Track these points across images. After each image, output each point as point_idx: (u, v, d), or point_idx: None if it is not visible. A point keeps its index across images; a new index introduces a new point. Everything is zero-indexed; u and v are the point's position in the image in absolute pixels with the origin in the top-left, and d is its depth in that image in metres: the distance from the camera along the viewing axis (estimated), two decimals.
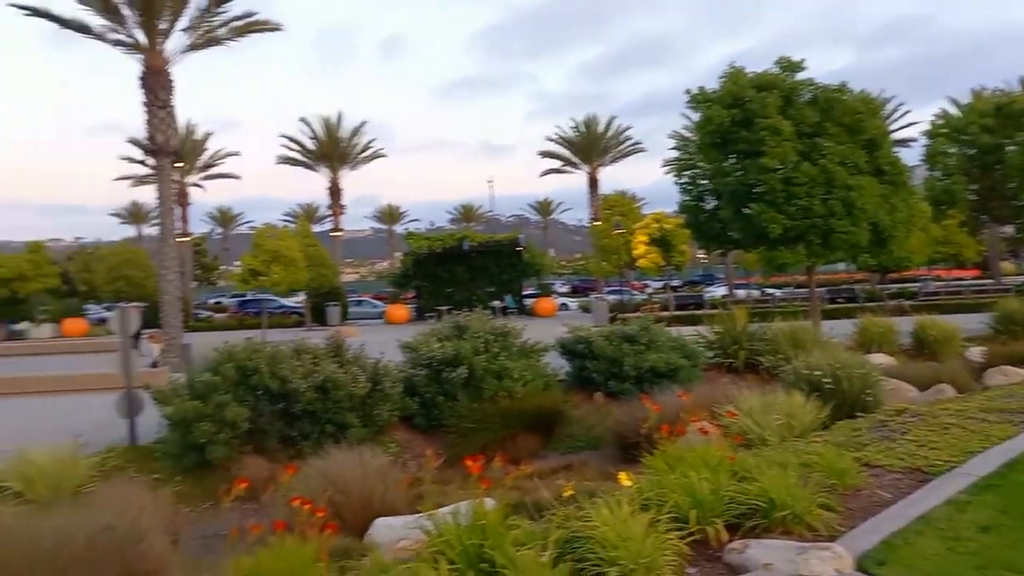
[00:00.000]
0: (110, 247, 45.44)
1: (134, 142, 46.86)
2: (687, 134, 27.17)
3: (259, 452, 10.60)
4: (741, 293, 44.75)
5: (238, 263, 54.50)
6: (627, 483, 4.67)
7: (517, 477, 5.37)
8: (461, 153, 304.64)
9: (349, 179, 59.93)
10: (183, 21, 20.73)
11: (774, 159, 15.89)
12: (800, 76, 16.96)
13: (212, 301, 55.17)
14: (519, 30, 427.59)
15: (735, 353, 15.13)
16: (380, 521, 6.01)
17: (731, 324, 15.77)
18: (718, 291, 47.71)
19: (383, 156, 55.98)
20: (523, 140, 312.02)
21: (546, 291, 43.49)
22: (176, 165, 20.82)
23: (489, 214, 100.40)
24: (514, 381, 12.55)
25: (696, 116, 17.76)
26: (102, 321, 44.11)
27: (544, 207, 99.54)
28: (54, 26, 20.07)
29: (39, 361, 24.03)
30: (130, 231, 77.74)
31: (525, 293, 42.81)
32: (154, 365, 18.08)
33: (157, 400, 10.26)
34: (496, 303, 33.17)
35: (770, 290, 44.25)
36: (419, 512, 5.27)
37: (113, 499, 7.30)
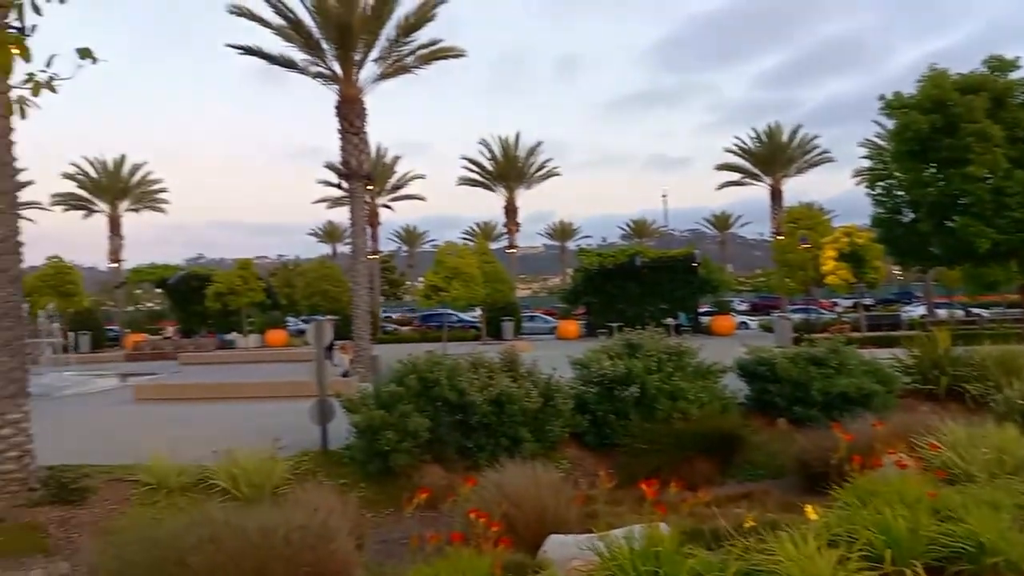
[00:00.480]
0: (308, 264, 49.19)
1: (330, 167, 50.64)
2: (880, 142, 25.37)
3: (438, 461, 11.00)
4: (942, 313, 41.02)
5: (421, 279, 57.34)
6: (814, 516, 4.39)
7: (694, 504, 5.19)
8: (634, 168, 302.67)
9: (524, 197, 61.73)
10: (375, 52, 22.20)
11: (982, 167, 14.49)
12: (1014, 75, 15.35)
13: (396, 315, 58.19)
14: (696, 41, 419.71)
15: (936, 379, 13.87)
16: (554, 538, 6.01)
17: (931, 346, 14.48)
18: (916, 310, 44.00)
19: (557, 174, 56.82)
20: (699, 152, 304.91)
21: (724, 309, 42.09)
22: (368, 188, 22.20)
23: (662, 229, 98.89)
24: (689, 403, 12.21)
25: (891, 123, 16.54)
26: (300, 332, 47.89)
27: (721, 221, 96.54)
28: (262, 63, 22.15)
29: (246, 369, 26.42)
30: (325, 249, 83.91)
31: (701, 311, 41.67)
32: (345, 375, 19.30)
33: (347, 408, 10.92)
34: (669, 321, 32.48)
35: (976, 310, 40.27)
36: (591, 531, 5.24)
37: (306, 500, 7.85)
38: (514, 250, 56.72)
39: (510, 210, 54.67)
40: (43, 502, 9.45)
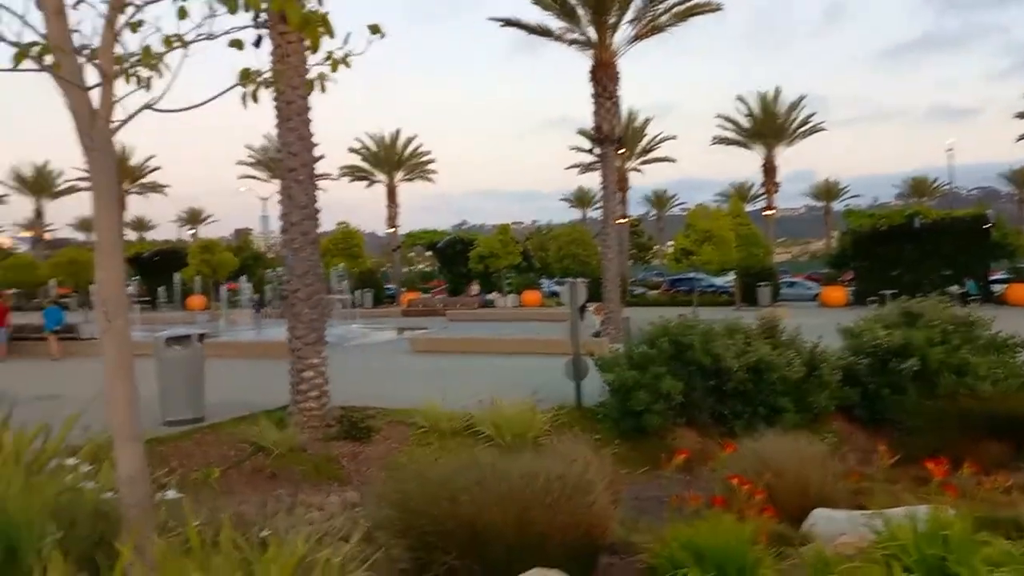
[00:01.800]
0: (560, 228, 50.50)
1: (583, 133, 51.40)
2: None
3: (691, 425, 10.89)
4: None
5: (671, 243, 56.56)
6: None
7: (991, 488, 4.65)
8: (909, 121, 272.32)
9: (784, 156, 58.11)
10: (629, 13, 22.00)
11: None
12: None
13: (643, 278, 57.94)
14: None
15: None
16: (820, 512, 5.70)
17: None
18: None
19: (821, 130, 52.78)
20: (988, 102, 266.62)
21: (1022, 276, 36.82)
22: (618, 152, 22.19)
23: (946, 187, 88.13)
24: (979, 379, 10.89)
25: None
26: (553, 294, 49.49)
27: (1020, 176, 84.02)
28: (519, 35, 22.87)
29: (505, 326, 27.90)
30: (576, 214, 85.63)
31: (992, 278, 36.79)
32: (596, 335, 19.68)
33: (600, 367, 11.14)
34: (954, 288, 29.07)
35: None
36: (862, 509, 4.89)
37: (563, 452, 8.15)
38: (772, 212, 53.81)
39: (768, 169, 51.82)
40: (336, 437, 10.74)
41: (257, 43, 3.83)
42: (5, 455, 4.02)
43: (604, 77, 21.74)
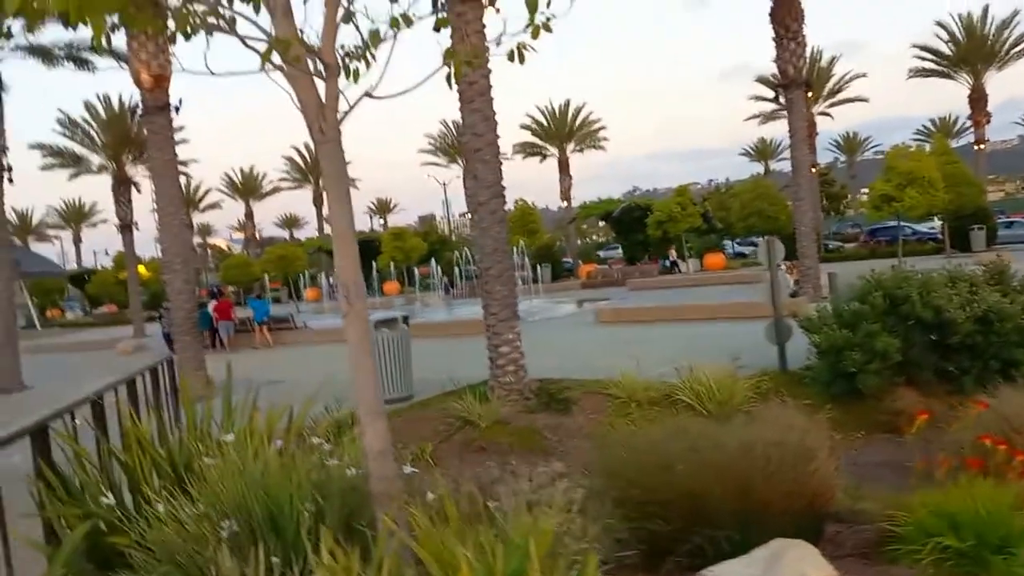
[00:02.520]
0: (742, 184, 48.38)
1: (763, 80, 48.76)
2: None
3: (911, 384, 10.05)
4: None
5: (865, 190, 52.29)
6: None
7: None
8: None
9: (993, 82, 51.58)
10: None
11: None
12: None
13: (837, 231, 54.32)
14: None
15: None
16: None
17: None
18: None
19: None
20: None
21: None
22: (806, 95, 20.80)
23: None
24: None
25: None
26: (739, 255, 47.67)
27: None
28: None
29: (690, 292, 27.23)
30: (757, 168, 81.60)
31: None
32: (793, 295, 18.68)
33: (805, 328, 10.54)
34: None
35: None
36: None
37: (774, 419, 7.79)
38: (982, 146, 48.45)
39: (976, 99, 46.57)
40: (535, 410, 10.95)
41: (437, 28, 3.89)
42: (259, 436, 4.40)
43: (786, 16, 20.38)
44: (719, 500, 5.66)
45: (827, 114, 54.27)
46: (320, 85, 3.14)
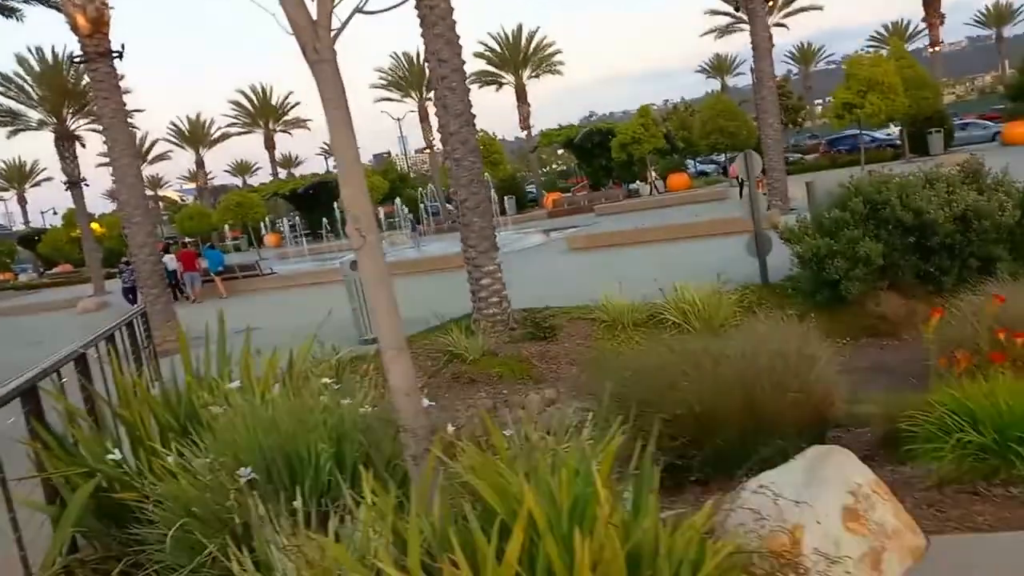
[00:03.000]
0: (702, 102, 48.06)
1: None
2: None
3: (893, 288, 10.16)
4: None
5: (819, 101, 52.28)
6: None
7: None
8: None
9: None
10: None
11: None
12: None
13: (796, 143, 54.53)
14: None
15: None
16: None
17: None
18: None
19: None
20: None
21: None
22: (768, 2, 20.43)
23: None
24: None
25: None
26: (702, 174, 47.67)
27: None
28: None
29: (657, 214, 27.19)
30: (713, 85, 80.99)
31: None
32: (767, 208, 18.72)
33: (786, 239, 10.54)
34: None
35: None
36: None
37: (763, 331, 7.80)
38: (936, 48, 48.58)
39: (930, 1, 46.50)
40: (521, 339, 10.89)
41: None
42: (263, 381, 4.22)
43: None
44: (726, 413, 5.66)
45: (783, 25, 53.77)
46: (310, 4, 2.89)
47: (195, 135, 68.54)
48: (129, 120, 33.75)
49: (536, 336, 10.76)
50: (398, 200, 38.00)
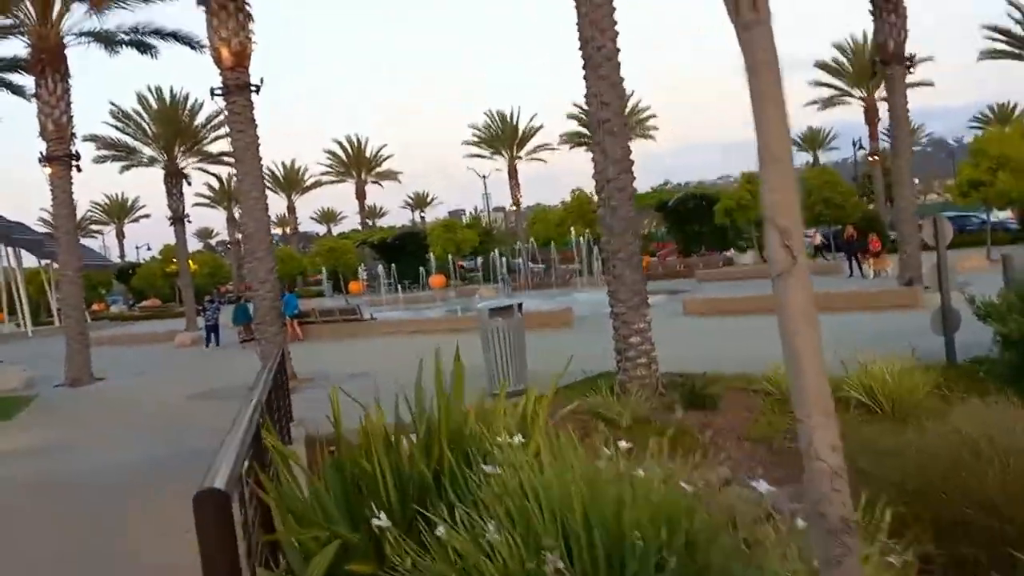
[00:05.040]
0: (807, 172, 46.77)
1: (821, 65, 46.85)
2: None
3: None
4: None
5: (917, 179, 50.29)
6: None
7: None
8: None
9: None
10: None
11: None
12: None
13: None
14: None
15: None
16: None
17: None
18: None
19: None
20: None
21: None
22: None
23: None
24: None
25: None
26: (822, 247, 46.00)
27: None
28: None
29: (764, 283, 25.94)
30: (804, 157, 79.41)
31: None
32: (909, 283, 17.48)
33: (982, 315, 9.40)
34: None
35: None
36: None
37: (975, 416, 6.73)
38: None
39: None
40: (671, 406, 9.94)
41: None
42: (533, 434, 3.47)
43: None
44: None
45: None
46: None
47: (289, 181, 70.44)
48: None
49: (692, 404, 9.80)
50: (497, 253, 37.71)
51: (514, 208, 57.38)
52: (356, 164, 68.11)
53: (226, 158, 37.94)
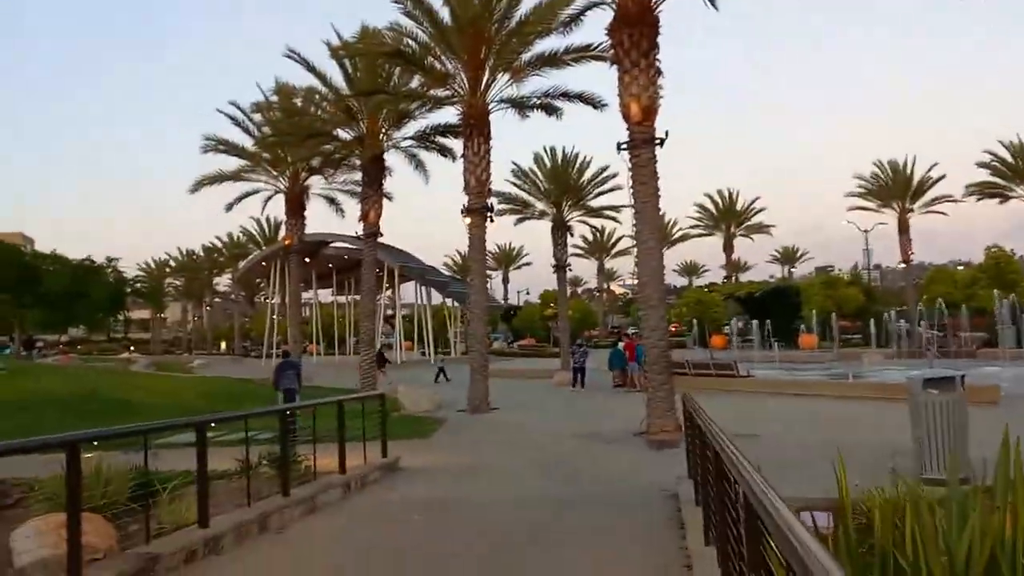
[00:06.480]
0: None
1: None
2: None
3: None
4: None
5: None
6: None
7: None
8: None
9: None
10: None
11: None
12: None
13: None
14: None
15: None
16: None
17: None
18: None
19: None
20: None
21: None
22: None
23: None
24: None
25: None
26: None
27: None
28: None
29: None
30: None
31: None
32: None
33: None
34: None
35: None
36: None
37: None
38: None
39: None
40: None
41: None
42: None
43: None
44: None
45: None
46: None
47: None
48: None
49: None
50: (890, 314, 34.12)
51: (902, 265, 51.53)
52: (725, 217, 67.32)
53: (606, 212, 40.23)
